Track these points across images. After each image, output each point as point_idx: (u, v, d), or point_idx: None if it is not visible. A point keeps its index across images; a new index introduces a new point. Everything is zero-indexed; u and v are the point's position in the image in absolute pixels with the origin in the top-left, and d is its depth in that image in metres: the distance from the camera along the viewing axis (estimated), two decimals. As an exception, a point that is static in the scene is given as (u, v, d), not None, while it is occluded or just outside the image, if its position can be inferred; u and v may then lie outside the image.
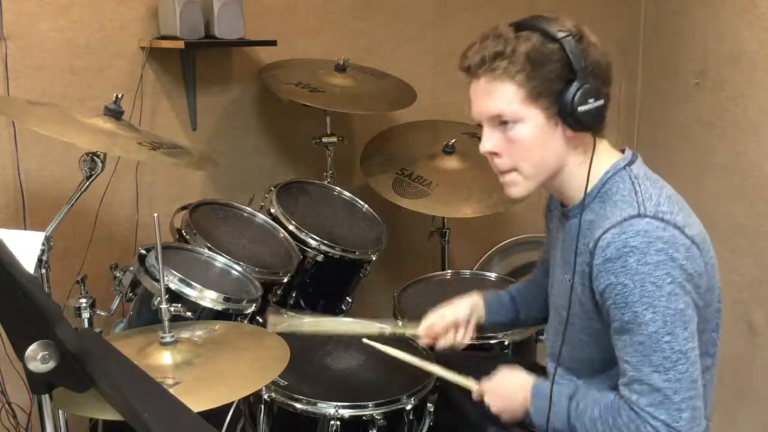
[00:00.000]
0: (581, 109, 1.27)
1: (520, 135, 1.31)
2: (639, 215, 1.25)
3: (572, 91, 1.27)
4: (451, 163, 2.49)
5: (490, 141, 1.34)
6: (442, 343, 1.68)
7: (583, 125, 1.29)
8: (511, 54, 1.27)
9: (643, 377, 1.24)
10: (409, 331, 1.71)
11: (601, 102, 1.29)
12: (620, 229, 1.24)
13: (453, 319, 1.68)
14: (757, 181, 2.12)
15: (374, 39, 2.76)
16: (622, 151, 1.39)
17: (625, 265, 1.22)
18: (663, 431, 1.23)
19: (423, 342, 1.71)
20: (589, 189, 1.35)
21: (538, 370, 1.57)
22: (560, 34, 1.27)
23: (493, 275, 2.35)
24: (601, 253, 1.25)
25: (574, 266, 1.32)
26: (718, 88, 2.29)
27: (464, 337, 1.68)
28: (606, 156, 1.36)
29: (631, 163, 1.36)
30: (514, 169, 1.34)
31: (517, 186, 1.36)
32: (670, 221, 1.25)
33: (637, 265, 1.22)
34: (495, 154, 1.35)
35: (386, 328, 1.70)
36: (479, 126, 1.37)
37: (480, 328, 1.72)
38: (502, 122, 1.32)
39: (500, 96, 1.30)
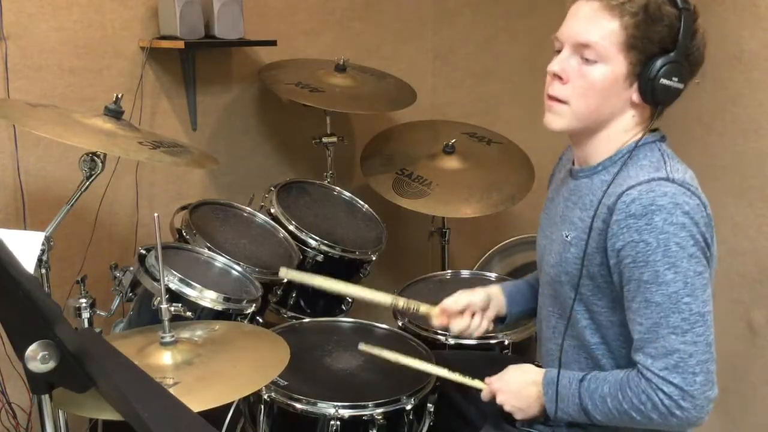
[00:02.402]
0: (663, 81, 1.27)
1: (594, 74, 1.29)
2: (667, 179, 1.26)
3: (665, 60, 1.26)
4: (451, 163, 2.49)
5: (561, 64, 1.32)
6: (455, 326, 1.62)
7: (654, 97, 1.29)
8: None
9: (659, 339, 1.23)
10: (422, 308, 1.64)
11: (681, 86, 1.29)
12: (648, 187, 1.24)
13: (467, 303, 1.62)
14: (757, 181, 2.12)
15: (374, 39, 2.76)
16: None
17: (650, 223, 1.21)
18: (676, 396, 1.22)
19: (436, 322, 1.64)
20: (613, 152, 1.35)
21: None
22: (683, 4, 1.26)
23: (493, 275, 2.34)
24: (625, 208, 1.24)
25: (591, 223, 1.30)
26: (718, 88, 2.28)
27: (479, 326, 1.62)
28: (642, 131, 1.36)
29: (662, 140, 1.37)
30: (567, 102, 1.33)
31: (560, 118, 1.34)
32: (695, 194, 1.26)
33: (663, 224, 1.21)
34: (559, 78, 1.32)
35: (399, 300, 1.62)
36: (557, 52, 1.34)
37: (499, 320, 1.66)
38: (584, 56, 1.30)
39: (601, 27, 1.27)
